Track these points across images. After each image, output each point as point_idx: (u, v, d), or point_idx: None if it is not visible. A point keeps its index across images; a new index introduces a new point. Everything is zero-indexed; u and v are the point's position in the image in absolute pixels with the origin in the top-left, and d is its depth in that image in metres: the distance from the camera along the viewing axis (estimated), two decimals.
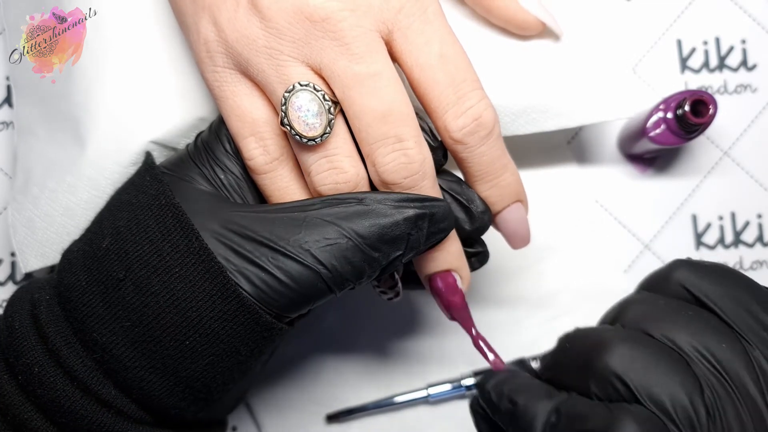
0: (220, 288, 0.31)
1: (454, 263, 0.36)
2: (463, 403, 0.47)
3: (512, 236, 0.37)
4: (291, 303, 0.32)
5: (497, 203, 0.36)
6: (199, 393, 0.33)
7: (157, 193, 0.33)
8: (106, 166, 0.39)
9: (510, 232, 0.37)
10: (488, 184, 0.35)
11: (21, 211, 0.40)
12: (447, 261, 0.35)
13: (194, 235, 0.32)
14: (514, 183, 0.36)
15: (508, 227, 0.37)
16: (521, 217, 0.37)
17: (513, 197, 0.36)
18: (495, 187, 0.35)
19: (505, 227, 0.37)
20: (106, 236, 0.34)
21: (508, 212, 0.36)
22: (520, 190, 0.36)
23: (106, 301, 0.32)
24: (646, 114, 0.45)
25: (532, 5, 0.40)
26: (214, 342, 0.32)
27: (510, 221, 0.36)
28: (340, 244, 0.32)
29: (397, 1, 0.32)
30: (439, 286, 0.36)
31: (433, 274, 0.36)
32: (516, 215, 0.36)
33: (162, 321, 0.32)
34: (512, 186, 0.36)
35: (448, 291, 0.36)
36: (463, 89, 0.33)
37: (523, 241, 0.38)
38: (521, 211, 0.37)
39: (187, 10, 0.34)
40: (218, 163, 0.35)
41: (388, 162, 0.32)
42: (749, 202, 0.48)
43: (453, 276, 0.36)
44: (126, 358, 0.32)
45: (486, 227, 0.36)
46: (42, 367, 0.32)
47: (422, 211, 0.33)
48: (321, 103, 0.32)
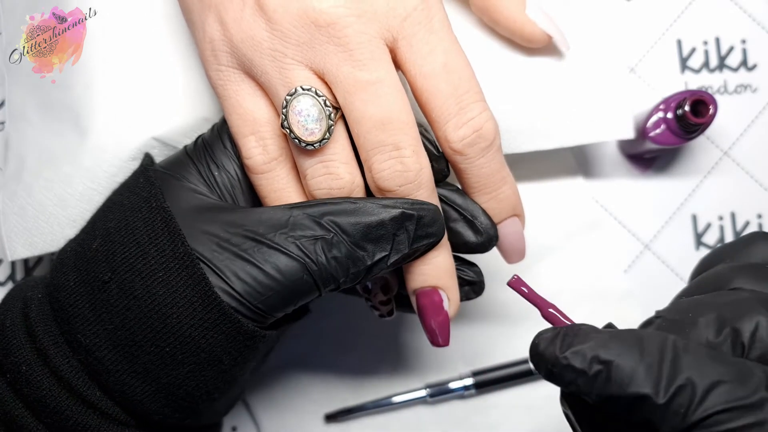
0: (201, 295, 0.31)
1: (442, 280, 0.35)
2: (462, 403, 0.47)
3: (508, 250, 0.37)
4: (278, 298, 0.32)
5: (494, 216, 0.36)
6: (182, 401, 0.33)
7: (149, 195, 0.33)
8: (105, 159, 0.39)
9: (506, 246, 0.37)
10: (486, 196, 0.35)
11: (12, 199, 0.40)
12: (434, 277, 0.35)
13: (180, 240, 0.32)
14: (512, 196, 0.36)
15: (504, 241, 0.37)
16: (517, 232, 0.37)
17: (510, 211, 0.36)
18: (493, 200, 0.35)
19: (501, 241, 0.36)
20: (96, 237, 0.34)
21: (504, 226, 0.36)
22: (517, 204, 0.36)
23: (92, 302, 0.32)
24: (646, 114, 0.45)
25: (540, 18, 0.40)
26: (195, 351, 0.32)
27: (506, 235, 0.36)
28: (326, 239, 0.32)
29: (403, 9, 0.32)
30: (423, 304, 0.35)
31: (419, 289, 0.35)
32: (512, 229, 0.36)
33: (143, 326, 0.32)
34: (510, 199, 0.35)
35: (434, 310, 0.35)
36: (465, 100, 0.33)
37: (518, 256, 0.37)
38: (517, 226, 0.36)
39: (194, 7, 0.34)
40: (215, 160, 0.35)
41: (384, 169, 0.32)
42: (749, 202, 0.48)
43: (440, 295, 0.35)
44: (108, 361, 0.32)
45: (493, 241, 0.36)
46: (29, 365, 0.33)
47: (409, 211, 0.33)
48: (322, 108, 0.32)
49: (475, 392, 0.46)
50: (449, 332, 0.35)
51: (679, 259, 0.48)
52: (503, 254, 0.38)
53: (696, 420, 0.24)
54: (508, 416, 0.46)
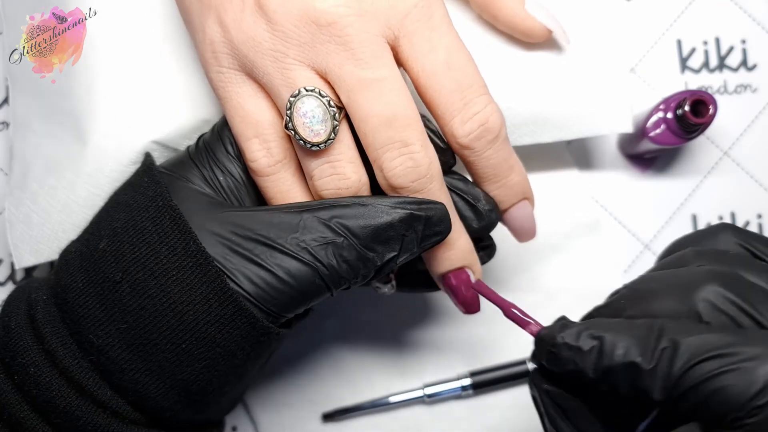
0: (217, 292, 0.31)
1: (467, 260, 0.36)
2: (459, 403, 0.47)
3: (519, 231, 0.38)
4: (290, 300, 0.32)
5: (505, 202, 0.36)
6: (195, 396, 0.33)
7: (155, 194, 0.33)
8: (106, 164, 0.39)
9: (517, 228, 0.38)
10: (496, 184, 0.36)
11: (18, 207, 0.40)
12: (460, 259, 0.36)
13: (191, 237, 0.32)
14: (521, 182, 0.36)
15: (516, 224, 0.38)
16: (528, 214, 0.38)
17: (520, 195, 0.37)
18: (502, 188, 0.36)
19: (513, 224, 0.38)
20: (103, 237, 0.34)
21: (515, 209, 0.37)
22: (526, 188, 0.37)
23: (103, 302, 0.32)
24: (646, 114, 0.45)
25: (539, 12, 0.40)
26: (211, 346, 0.32)
27: (517, 218, 0.37)
28: (336, 243, 0.32)
29: (403, 7, 0.32)
30: (454, 284, 0.36)
31: (447, 272, 0.36)
32: (523, 212, 0.37)
33: (158, 324, 0.32)
34: (519, 185, 0.36)
35: (464, 287, 0.36)
36: (470, 95, 0.33)
37: (529, 235, 0.39)
38: (528, 208, 0.37)
39: (193, 9, 0.34)
40: (218, 165, 0.35)
41: (396, 166, 0.32)
42: (749, 202, 0.48)
43: (467, 273, 0.36)
44: (122, 360, 0.32)
45: (494, 224, 0.37)
46: (38, 367, 0.32)
47: (417, 213, 0.33)
48: (326, 109, 0.32)
49: (472, 393, 0.46)
50: (479, 299, 0.37)
51: None
52: (515, 235, 0.39)
53: (680, 372, 0.25)
54: (506, 417, 0.46)
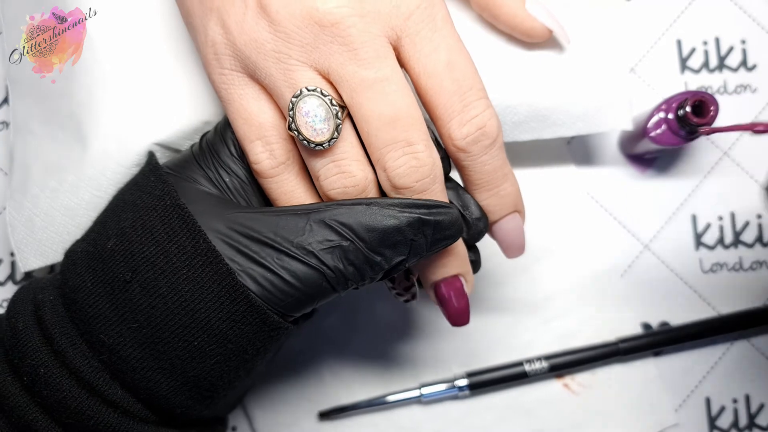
0: (228, 289, 0.32)
1: (462, 267, 0.36)
2: (456, 403, 0.47)
3: (507, 246, 0.38)
4: (297, 302, 0.33)
5: (495, 212, 0.36)
6: (205, 392, 0.34)
7: (162, 193, 0.33)
8: (108, 166, 0.39)
9: (506, 242, 0.37)
10: (488, 193, 0.35)
11: (20, 210, 0.40)
12: (456, 266, 0.36)
13: (201, 236, 0.32)
14: (514, 193, 0.36)
15: (505, 237, 0.37)
16: (518, 227, 0.37)
17: (511, 207, 0.36)
18: (494, 197, 0.35)
19: (502, 237, 0.37)
20: (110, 237, 0.34)
21: (505, 222, 0.36)
22: (518, 201, 0.36)
23: (113, 302, 0.33)
24: (646, 114, 0.45)
25: (540, 12, 0.40)
26: (222, 342, 0.32)
27: (507, 231, 0.37)
28: (343, 246, 0.32)
29: (406, 8, 0.32)
30: (447, 292, 0.36)
31: (441, 280, 0.36)
32: (512, 225, 0.37)
33: (170, 322, 0.32)
34: (511, 196, 0.36)
35: (457, 296, 0.36)
36: (469, 98, 0.33)
37: (518, 251, 0.38)
38: (518, 221, 0.37)
39: (194, 11, 0.34)
40: (223, 166, 0.35)
41: (399, 166, 0.32)
42: (749, 202, 0.48)
43: (460, 281, 0.36)
44: (134, 359, 0.32)
45: (481, 234, 0.36)
46: (48, 368, 0.33)
47: (426, 217, 0.33)
48: (328, 108, 0.32)
49: (469, 393, 0.46)
50: (470, 311, 0.37)
51: (678, 260, 0.47)
52: (503, 249, 0.38)
53: None
54: (502, 418, 0.46)
